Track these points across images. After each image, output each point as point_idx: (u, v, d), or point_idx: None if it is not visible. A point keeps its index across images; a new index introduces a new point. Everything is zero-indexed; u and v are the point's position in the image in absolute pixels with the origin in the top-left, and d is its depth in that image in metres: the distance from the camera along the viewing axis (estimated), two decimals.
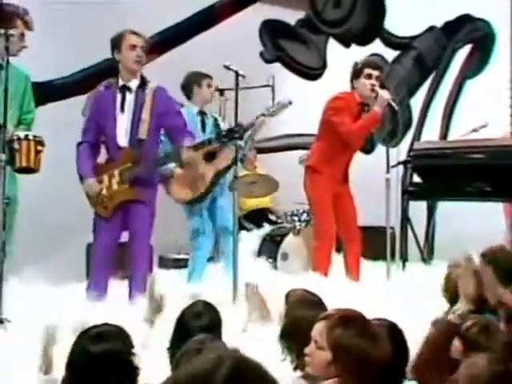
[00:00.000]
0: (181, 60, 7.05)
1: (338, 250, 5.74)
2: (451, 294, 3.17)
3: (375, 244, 5.84)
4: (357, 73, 5.47)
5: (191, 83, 5.76)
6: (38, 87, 6.82)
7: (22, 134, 4.25)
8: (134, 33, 4.62)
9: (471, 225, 6.83)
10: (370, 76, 5.40)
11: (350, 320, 2.24)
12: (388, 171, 5.54)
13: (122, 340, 2.43)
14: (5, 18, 4.55)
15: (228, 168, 5.39)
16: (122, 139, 4.64)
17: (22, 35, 4.65)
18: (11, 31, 4.11)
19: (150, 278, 3.84)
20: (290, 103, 5.00)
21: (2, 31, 4.03)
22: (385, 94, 5.35)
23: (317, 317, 2.71)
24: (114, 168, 4.66)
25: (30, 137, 4.27)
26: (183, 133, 4.78)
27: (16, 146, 4.17)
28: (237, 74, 4.83)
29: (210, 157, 5.45)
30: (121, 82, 4.66)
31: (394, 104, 5.41)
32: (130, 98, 4.63)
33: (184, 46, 7.76)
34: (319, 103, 5.71)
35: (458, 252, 3.18)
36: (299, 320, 2.78)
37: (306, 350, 2.23)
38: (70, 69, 7.00)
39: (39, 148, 4.28)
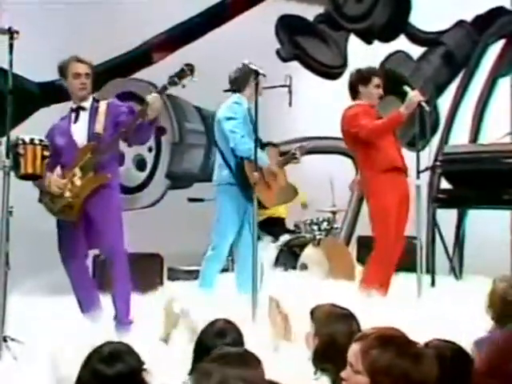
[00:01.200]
0: (191, 59, 7.04)
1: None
2: (496, 310, 3.11)
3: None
4: (365, 80, 5.55)
5: (249, 76, 5.52)
6: (40, 88, 6.88)
7: (27, 138, 4.18)
8: (79, 60, 4.85)
9: (497, 233, 6.78)
10: (378, 86, 5.55)
11: (388, 340, 2.16)
12: (418, 177, 5.43)
13: (134, 358, 2.41)
14: None
15: None
16: (79, 137, 4.77)
17: None
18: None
19: (168, 300, 3.86)
20: None
21: (6, 27, 3.99)
22: (416, 96, 5.30)
23: (351, 329, 2.67)
24: (73, 168, 4.71)
25: (36, 141, 4.19)
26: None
27: (21, 150, 4.09)
28: (256, 73, 4.80)
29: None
30: (74, 105, 4.90)
31: (425, 105, 5.35)
32: (84, 113, 4.86)
33: (195, 43, 7.76)
34: (339, 104, 5.69)
35: (485, 262, 3.11)
36: (333, 336, 2.73)
37: (343, 374, 2.16)
38: None
39: (46, 153, 4.22)
